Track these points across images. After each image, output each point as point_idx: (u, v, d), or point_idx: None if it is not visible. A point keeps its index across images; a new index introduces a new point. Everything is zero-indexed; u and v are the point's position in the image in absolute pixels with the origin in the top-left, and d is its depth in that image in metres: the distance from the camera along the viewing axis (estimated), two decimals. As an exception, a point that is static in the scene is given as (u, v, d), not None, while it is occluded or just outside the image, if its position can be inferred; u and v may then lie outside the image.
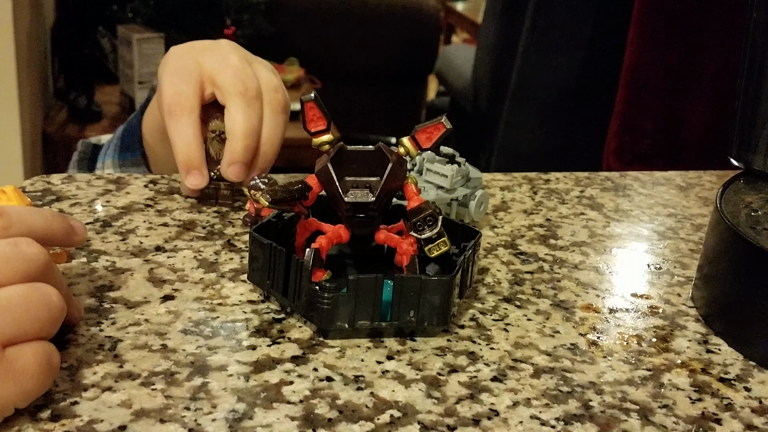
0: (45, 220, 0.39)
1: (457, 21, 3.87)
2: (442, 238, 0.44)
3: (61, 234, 0.40)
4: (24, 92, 1.78)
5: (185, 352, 0.40)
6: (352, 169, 0.43)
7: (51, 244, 0.40)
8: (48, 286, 0.35)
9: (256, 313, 0.45)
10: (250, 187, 0.48)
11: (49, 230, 0.39)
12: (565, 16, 1.63)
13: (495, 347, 0.44)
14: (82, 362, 0.39)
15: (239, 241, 0.53)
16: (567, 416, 0.38)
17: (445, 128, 0.44)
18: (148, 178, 0.63)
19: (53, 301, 0.35)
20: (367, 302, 0.41)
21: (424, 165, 0.56)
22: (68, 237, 0.40)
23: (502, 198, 0.67)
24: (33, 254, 0.35)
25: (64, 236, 0.40)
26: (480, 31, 2.19)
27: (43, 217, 0.39)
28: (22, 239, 0.36)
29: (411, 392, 0.39)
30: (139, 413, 0.35)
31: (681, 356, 0.45)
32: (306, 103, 0.44)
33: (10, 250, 0.35)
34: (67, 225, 0.40)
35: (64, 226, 0.40)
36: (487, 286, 0.51)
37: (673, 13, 1.32)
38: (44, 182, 0.60)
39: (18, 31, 1.72)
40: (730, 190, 0.54)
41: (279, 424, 0.36)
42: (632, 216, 0.66)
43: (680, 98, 1.36)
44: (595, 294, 0.51)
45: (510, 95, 1.76)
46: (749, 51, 0.54)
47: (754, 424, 0.39)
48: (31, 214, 0.38)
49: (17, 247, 0.35)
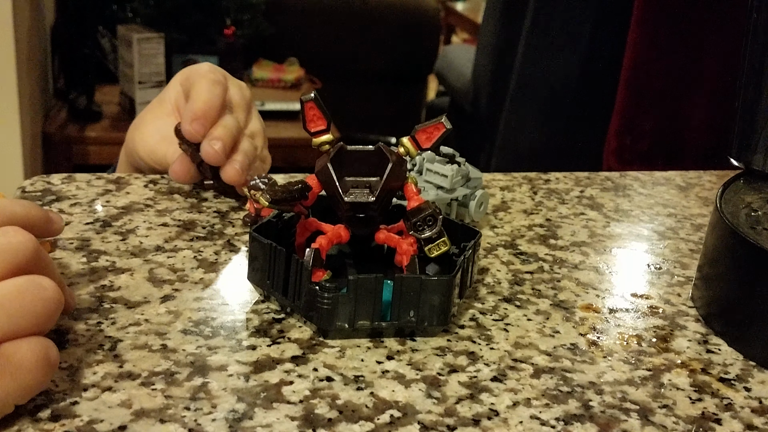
0: (24, 209, 0.39)
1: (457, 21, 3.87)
2: (442, 238, 0.44)
3: (40, 223, 0.40)
4: (24, 92, 1.78)
5: (185, 352, 0.40)
6: (352, 169, 0.43)
7: (32, 233, 0.40)
8: (44, 278, 0.34)
9: (256, 313, 0.45)
10: (250, 187, 0.48)
11: (29, 219, 0.39)
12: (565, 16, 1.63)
13: (495, 347, 0.44)
14: (82, 362, 0.39)
15: (239, 241, 0.53)
16: (567, 416, 0.38)
17: (445, 128, 0.44)
18: (148, 178, 0.63)
19: (49, 295, 0.34)
20: (367, 302, 0.41)
21: (424, 165, 0.56)
22: (47, 226, 0.41)
23: (502, 198, 0.67)
24: (21, 242, 0.34)
25: (44, 225, 0.40)
26: (480, 31, 2.20)
27: (21, 206, 0.39)
28: (8, 228, 0.35)
29: (411, 392, 0.39)
30: (139, 413, 0.35)
31: (681, 356, 0.45)
32: (306, 103, 0.44)
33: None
34: (44, 214, 0.40)
35: (42, 215, 0.40)
36: (487, 286, 0.51)
37: (673, 13, 1.32)
38: (44, 182, 0.60)
39: (18, 31, 1.72)
40: (730, 190, 0.54)
41: (279, 424, 0.36)
42: (632, 216, 0.66)
43: (680, 98, 1.36)
44: (595, 294, 0.51)
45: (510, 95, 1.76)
46: (749, 51, 0.54)
47: (754, 424, 0.39)
48: (9, 203, 0.38)
49: (5, 237, 0.34)
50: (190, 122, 0.57)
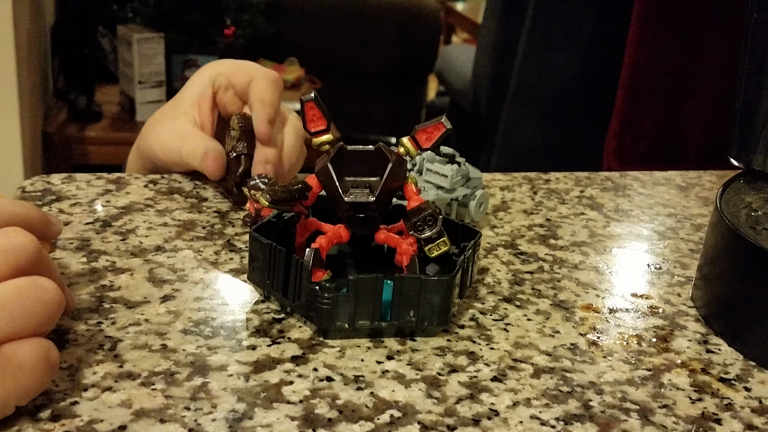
0: (24, 209, 0.39)
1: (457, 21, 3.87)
2: (442, 238, 0.44)
3: (40, 223, 0.40)
4: (24, 92, 1.78)
5: (185, 352, 0.40)
6: (352, 169, 0.43)
7: (32, 233, 0.40)
8: (45, 279, 0.34)
9: (256, 313, 0.45)
10: (250, 187, 0.48)
11: (30, 220, 0.39)
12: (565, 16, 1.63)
13: (495, 347, 0.44)
14: (82, 362, 0.39)
15: (239, 241, 0.53)
16: (567, 416, 0.38)
17: (445, 128, 0.44)
18: (148, 178, 0.63)
19: (50, 296, 0.34)
20: (367, 302, 0.41)
21: (424, 165, 0.56)
22: (46, 228, 0.40)
23: (502, 198, 0.67)
24: (23, 244, 0.35)
25: (43, 227, 0.40)
26: (480, 31, 2.19)
27: (21, 207, 0.39)
28: (9, 229, 0.35)
29: (411, 392, 0.39)
30: (139, 413, 0.35)
31: (681, 356, 0.45)
32: (306, 103, 0.44)
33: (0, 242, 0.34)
34: (43, 216, 0.40)
35: (42, 217, 0.40)
36: (487, 286, 0.51)
37: (673, 13, 1.32)
38: (44, 182, 0.60)
39: (18, 31, 1.72)
40: (730, 190, 0.54)
41: (279, 424, 0.36)
42: (632, 216, 0.66)
43: (680, 98, 1.36)
44: (595, 294, 0.51)
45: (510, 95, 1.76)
46: (749, 51, 0.54)
47: (754, 424, 0.39)
48: (10, 204, 0.38)
49: (6, 238, 0.34)
50: (265, 124, 0.57)
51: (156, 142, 0.62)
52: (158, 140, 0.62)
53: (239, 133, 0.58)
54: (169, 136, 0.62)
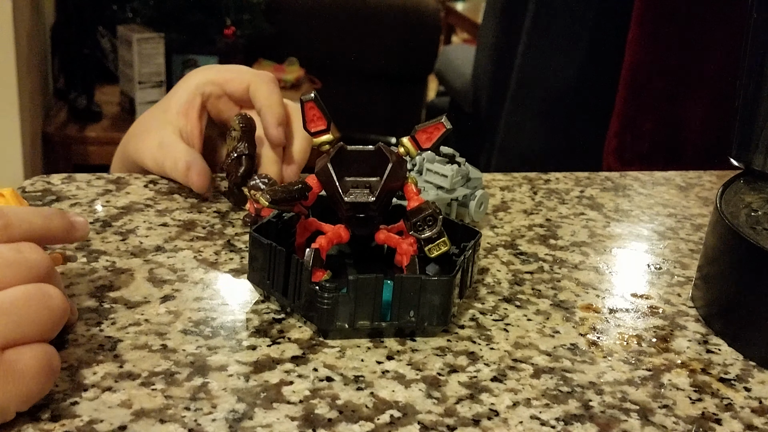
0: (44, 219, 0.39)
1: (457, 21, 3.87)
2: (442, 238, 0.44)
3: (60, 232, 0.39)
4: (24, 92, 1.78)
5: (185, 352, 0.40)
6: (352, 169, 0.43)
7: (51, 242, 0.40)
8: (50, 286, 0.35)
9: (256, 313, 0.45)
10: (250, 187, 0.48)
11: (48, 229, 0.39)
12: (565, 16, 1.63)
13: (495, 347, 0.44)
14: (82, 362, 0.39)
15: (239, 241, 0.53)
16: (567, 416, 0.38)
17: (445, 128, 0.44)
18: (148, 178, 0.63)
19: (55, 303, 0.34)
20: (367, 302, 0.41)
21: (424, 165, 0.56)
22: (68, 234, 0.40)
23: (502, 198, 0.67)
24: (35, 260, 0.35)
25: (64, 234, 0.40)
26: (480, 31, 2.19)
27: (41, 216, 0.39)
28: (24, 244, 0.35)
29: (411, 392, 0.39)
30: (139, 413, 0.35)
31: (681, 356, 0.45)
32: (306, 103, 0.44)
33: (13, 256, 0.35)
34: (66, 222, 0.40)
35: (64, 224, 0.40)
36: (487, 286, 0.51)
37: (673, 13, 1.32)
38: (44, 182, 0.60)
39: (18, 31, 1.72)
40: (730, 190, 0.54)
41: (279, 424, 0.36)
42: (632, 216, 0.66)
43: (680, 98, 1.36)
44: (595, 294, 0.51)
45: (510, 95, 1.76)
46: (749, 51, 0.54)
47: (754, 424, 0.39)
48: (29, 213, 0.38)
49: (21, 253, 0.35)
50: (276, 127, 0.58)
51: (147, 154, 0.62)
52: (149, 152, 0.62)
53: (240, 133, 0.58)
54: (158, 148, 0.61)
